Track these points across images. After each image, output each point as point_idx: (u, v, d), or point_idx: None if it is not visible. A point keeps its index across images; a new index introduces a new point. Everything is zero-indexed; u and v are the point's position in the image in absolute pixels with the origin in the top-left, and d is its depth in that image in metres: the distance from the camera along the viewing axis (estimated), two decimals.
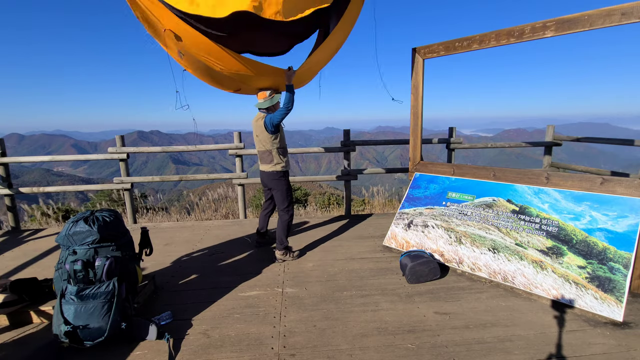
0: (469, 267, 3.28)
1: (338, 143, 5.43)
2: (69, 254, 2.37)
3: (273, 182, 3.61)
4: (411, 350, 2.27)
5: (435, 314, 2.68)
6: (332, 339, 2.39)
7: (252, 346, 2.33)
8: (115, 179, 5.24)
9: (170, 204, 9.34)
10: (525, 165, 72.33)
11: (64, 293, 2.27)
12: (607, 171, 5.24)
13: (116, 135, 5.30)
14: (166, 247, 4.24)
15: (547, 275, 2.86)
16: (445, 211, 3.76)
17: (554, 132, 5.98)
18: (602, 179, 3.00)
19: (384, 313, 2.70)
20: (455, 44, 3.76)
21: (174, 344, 2.37)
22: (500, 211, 3.40)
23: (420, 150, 4.37)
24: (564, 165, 6.22)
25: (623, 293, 2.52)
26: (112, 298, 2.28)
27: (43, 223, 6.82)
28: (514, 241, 3.16)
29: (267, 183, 3.68)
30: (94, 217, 2.46)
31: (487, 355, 2.20)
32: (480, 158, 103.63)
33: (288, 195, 3.65)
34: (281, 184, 3.60)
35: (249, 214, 6.09)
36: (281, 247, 3.70)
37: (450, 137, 5.55)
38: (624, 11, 2.71)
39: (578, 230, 2.92)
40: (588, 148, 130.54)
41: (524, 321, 2.55)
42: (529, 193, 3.34)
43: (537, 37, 3.19)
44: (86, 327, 2.19)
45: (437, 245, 3.58)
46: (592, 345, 2.28)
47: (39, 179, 62.87)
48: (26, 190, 5.31)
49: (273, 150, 3.53)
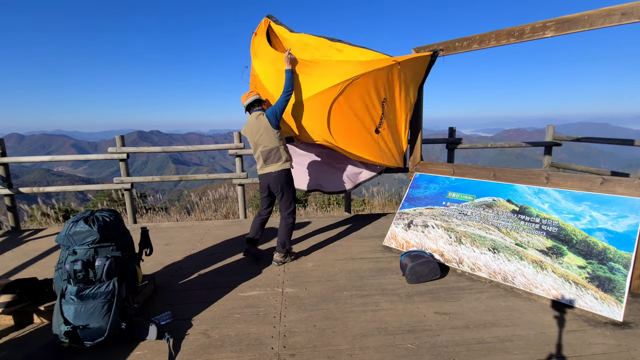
0: (469, 267, 3.28)
1: None
2: (69, 254, 2.37)
3: (282, 183, 3.40)
4: (411, 350, 2.27)
5: (435, 314, 2.68)
6: (332, 339, 2.39)
7: (252, 346, 2.33)
8: (115, 179, 5.25)
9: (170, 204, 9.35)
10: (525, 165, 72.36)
11: (64, 293, 2.27)
12: (607, 171, 5.24)
13: (116, 135, 5.31)
14: (166, 247, 4.24)
15: (547, 275, 2.86)
16: (445, 211, 3.76)
17: (554, 132, 5.98)
18: (602, 179, 3.00)
19: (384, 313, 2.70)
20: (455, 44, 3.76)
21: (174, 344, 2.37)
22: (500, 211, 3.40)
23: (420, 150, 4.37)
24: (564, 165, 6.22)
25: (623, 293, 2.52)
26: (112, 298, 2.28)
27: (43, 223, 6.82)
28: (514, 241, 3.16)
29: (275, 186, 3.42)
30: (94, 217, 2.46)
31: (487, 355, 2.20)
32: (480, 158, 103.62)
33: (295, 196, 3.54)
34: (291, 183, 3.46)
35: (249, 214, 6.09)
36: (283, 250, 3.57)
37: (450, 137, 5.55)
38: (624, 11, 2.71)
39: (578, 230, 2.92)
40: (588, 148, 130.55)
41: (524, 321, 2.55)
42: (529, 193, 3.34)
43: (537, 37, 3.19)
44: (86, 327, 2.19)
45: (437, 245, 3.58)
46: (592, 345, 2.28)
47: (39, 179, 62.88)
48: (26, 190, 5.32)
49: (281, 147, 3.36)
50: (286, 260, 3.61)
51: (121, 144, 5.19)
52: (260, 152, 3.40)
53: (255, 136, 3.37)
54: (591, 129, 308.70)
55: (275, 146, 3.34)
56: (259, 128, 3.33)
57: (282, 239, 3.55)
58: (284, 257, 3.59)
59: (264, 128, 3.31)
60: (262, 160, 3.40)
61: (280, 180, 3.39)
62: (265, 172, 3.42)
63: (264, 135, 3.32)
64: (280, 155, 3.36)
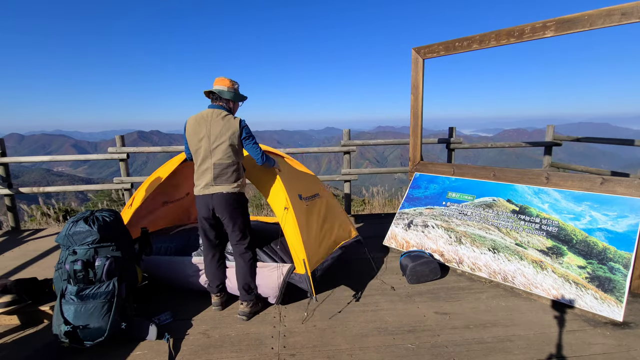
0: (469, 267, 3.28)
1: (338, 143, 5.43)
2: (69, 254, 2.37)
3: (231, 209, 2.57)
4: (411, 350, 2.27)
5: (435, 314, 2.68)
6: (332, 339, 2.39)
7: (252, 346, 2.33)
8: (115, 179, 5.24)
9: None
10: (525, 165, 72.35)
11: (64, 293, 2.27)
12: (607, 171, 5.23)
13: (116, 135, 5.30)
14: None
15: (547, 275, 2.86)
16: (445, 211, 3.76)
17: (554, 132, 5.98)
18: (602, 179, 3.00)
19: (384, 313, 2.70)
20: (455, 44, 3.76)
21: (174, 344, 2.37)
22: (500, 211, 3.40)
23: (420, 150, 4.37)
24: (564, 165, 6.21)
25: (623, 293, 2.52)
26: (112, 298, 2.28)
27: (43, 223, 6.82)
28: (514, 241, 3.16)
29: (222, 211, 2.56)
30: (94, 217, 2.46)
31: (487, 355, 2.20)
32: (480, 158, 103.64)
33: (249, 224, 2.75)
34: (243, 209, 2.67)
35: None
36: (250, 296, 2.67)
37: (450, 137, 5.55)
38: (624, 11, 2.71)
39: (578, 230, 2.92)
40: (588, 148, 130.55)
41: (524, 321, 2.55)
42: (529, 193, 3.34)
43: (537, 37, 3.19)
44: (86, 327, 2.19)
45: (437, 245, 3.58)
46: (592, 345, 2.28)
47: (39, 179, 62.84)
48: (26, 190, 5.31)
49: (239, 164, 2.61)
50: (257, 309, 2.73)
51: (121, 144, 5.19)
52: (212, 165, 2.51)
53: (212, 140, 2.47)
54: (591, 129, 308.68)
55: (233, 161, 2.53)
56: (218, 128, 2.47)
57: (244, 280, 2.66)
58: (253, 305, 2.68)
59: (228, 133, 2.47)
60: (212, 175, 2.52)
61: (229, 205, 2.56)
62: (209, 192, 2.54)
63: (223, 143, 2.47)
64: (237, 175, 2.58)
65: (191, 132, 2.53)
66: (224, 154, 2.50)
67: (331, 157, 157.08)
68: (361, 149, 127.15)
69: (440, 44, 3.87)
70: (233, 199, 2.57)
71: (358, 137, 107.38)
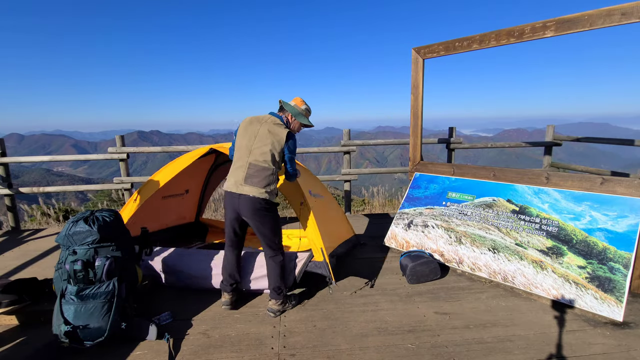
0: (469, 267, 3.28)
1: (338, 143, 5.43)
2: (69, 254, 2.37)
3: (258, 215, 2.54)
4: (411, 350, 2.27)
5: (435, 314, 2.68)
6: (332, 339, 2.39)
7: (252, 346, 2.33)
8: (115, 179, 5.25)
9: None
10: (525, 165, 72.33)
11: (64, 293, 2.27)
12: (607, 171, 5.23)
13: (116, 135, 5.31)
14: None
15: (547, 275, 2.86)
16: (445, 211, 3.76)
17: (554, 132, 5.98)
18: (602, 179, 3.00)
19: (384, 313, 2.70)
20: (455, 44, 3.76)
21: (174, 344, 2.37)
22: (500, 211, 3.40)
23: (420, 150, 4.37)
24: (564, 165, 6.21)
25: (623, 293, 2.52)
26: (112, 298, 2.28)
27: (43, 223, 6.81)
28: (514, 241, 3.16)
29: (250, 216, 2.55)
30: (94, 217, 2.46)
31: (487, 355, 2.20)
32: (480, 158, 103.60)
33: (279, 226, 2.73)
34: (274, 213, 2.65)
35: None
36: (280, 297, 2.71)
37: (450, 137, 5.55)
38: (624, 11, 2.71)
39: (578, 230, 2.92)
40: (588, 148, 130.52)
41: (524, 321, 2.55)
42: (529, 193, 3.34)
43: (537, 37, 3.19)
44: (86, 327, 2.19)
45: (437, 245, 3.58)
46: (592, 345, 2.28)
47: (39, 179, 62.81)
48: (26, 190, 5.32)
49: (274, 172, 2.59)
50: (286, 307, 2.76)
51: (121, 144, 5.19)
52: (246, 163, 2.55)
53: (256, 140, 2.57)
54: (591, 129, 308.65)
55: (269, 167, 2.54)
56: (267, 136, 2.55)
57: (275, 283, 2.70)
58: (282, 304, 2.73)
59: (274, 142, 2.55)
60: (244, 174, 2.54)
61: (257, 210, 2.53)
62: (238, 191, 2.52)
63: (265, 148, 2.54)
64: (270, 180, 2.56)
65: (242, 129, 2.65)
66: (261, 156, 2.53)
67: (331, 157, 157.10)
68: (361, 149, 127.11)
69: (440, 44, 3.87)
70: (260, 204, 2.53)
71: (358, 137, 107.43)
